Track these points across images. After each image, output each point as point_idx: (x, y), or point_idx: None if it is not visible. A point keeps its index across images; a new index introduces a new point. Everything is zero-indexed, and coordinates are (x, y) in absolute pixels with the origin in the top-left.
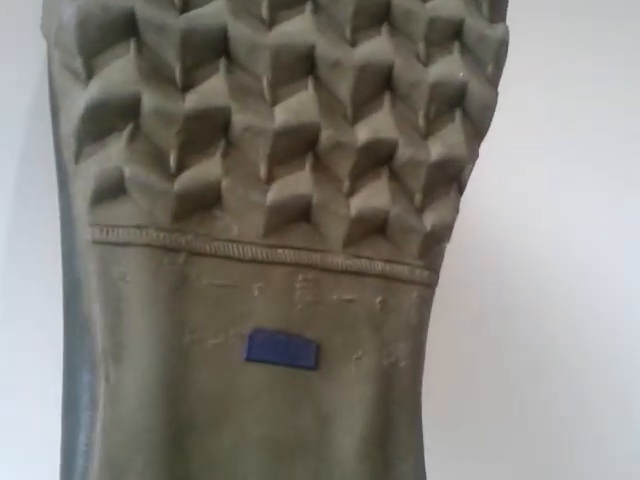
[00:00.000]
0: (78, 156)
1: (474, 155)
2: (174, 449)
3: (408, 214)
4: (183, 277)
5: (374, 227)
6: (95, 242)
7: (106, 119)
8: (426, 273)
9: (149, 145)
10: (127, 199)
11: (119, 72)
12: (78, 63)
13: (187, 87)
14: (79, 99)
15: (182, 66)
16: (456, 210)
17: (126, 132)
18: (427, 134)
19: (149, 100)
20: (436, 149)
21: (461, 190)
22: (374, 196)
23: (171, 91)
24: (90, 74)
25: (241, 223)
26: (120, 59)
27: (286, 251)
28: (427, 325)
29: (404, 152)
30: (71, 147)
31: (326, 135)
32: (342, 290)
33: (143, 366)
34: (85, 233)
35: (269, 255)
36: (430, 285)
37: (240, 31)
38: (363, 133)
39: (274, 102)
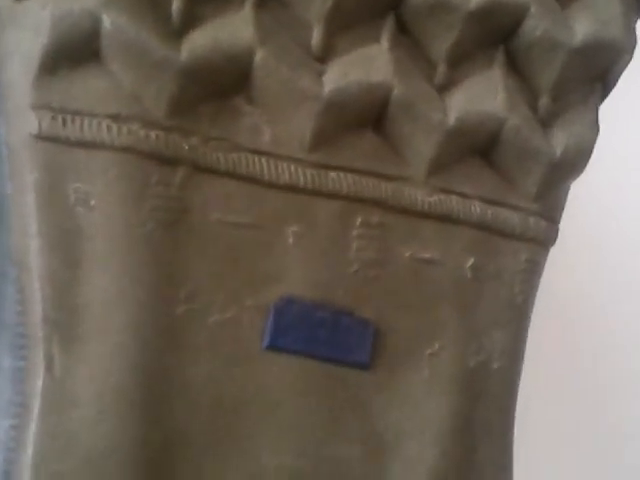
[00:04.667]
0: None
1: (632, 41)
2: None
3: (530, 128)
4: (180, 208)
5: (476, 145)
6: (41, 137)
7: None
8: (543, 224)
9: None
10: (100, 69)
11: None
12: None
13: None
14: None
15: None
16: (596, 127)
17: None
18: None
19: None
20: (582, 25)
21: (604, 96)
22: (482, 94)
23: None
24: None
25: (278, 124)
26: None
27: (342, 175)
28: (533, 306)
29: (536, 24)
30: None
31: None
32: (419, 244)
33: (109, 350)
34: (23, 120)
35: (315, 180)
36: (545, 243)
37: None
38: None
39: None
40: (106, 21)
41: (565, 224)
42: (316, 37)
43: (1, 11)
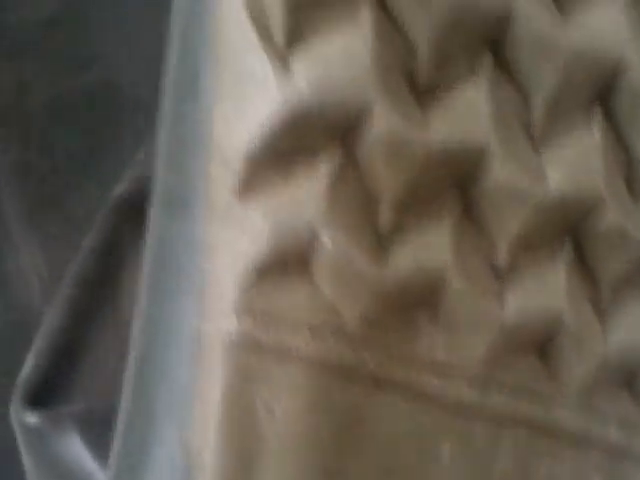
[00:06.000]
0: (246, 190)
1: None
2: None
3: None
4: (355, 418)
5: (623, 377)
6: (239, 337)
7: (307, 134)
8: None
9: (357, 191)
10: (304, 278)
11: (340, 55)
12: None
13: (433, 103)
14: (268, 93)
15: (429, 67)
16: None
17: (331, 164)
18: None
19: (384, 116)
20: None
21: None
22: (638, 327)
23: (411, 107)
24: (293, 43)
25: (454, 344)
26: (347, 35)
27: (502, 397)
28: None
29: None
30: (235, 173)
31: (612, 218)
32: (554, 461)
33: None
34: (222, 317)
35: (479, 400)
36: None
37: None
38: None
39: (543, 144)
40: (324, 237)
41: None
42: (501, 258)
43: (216, 204)
